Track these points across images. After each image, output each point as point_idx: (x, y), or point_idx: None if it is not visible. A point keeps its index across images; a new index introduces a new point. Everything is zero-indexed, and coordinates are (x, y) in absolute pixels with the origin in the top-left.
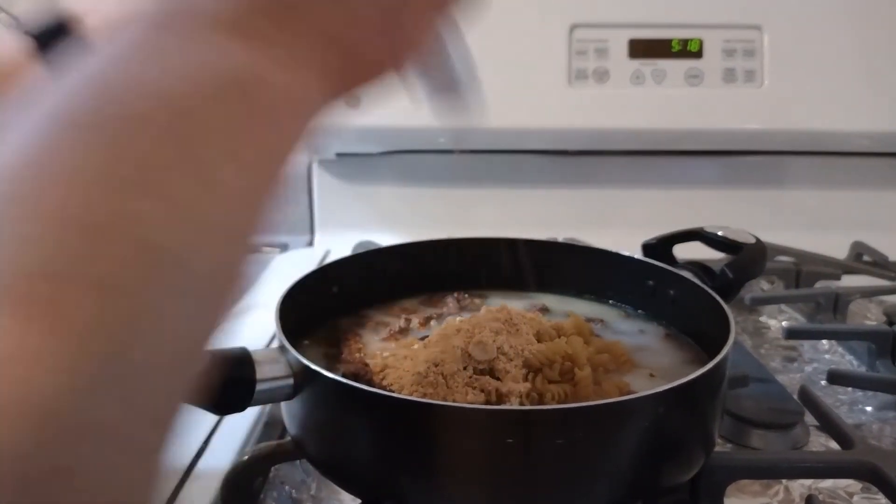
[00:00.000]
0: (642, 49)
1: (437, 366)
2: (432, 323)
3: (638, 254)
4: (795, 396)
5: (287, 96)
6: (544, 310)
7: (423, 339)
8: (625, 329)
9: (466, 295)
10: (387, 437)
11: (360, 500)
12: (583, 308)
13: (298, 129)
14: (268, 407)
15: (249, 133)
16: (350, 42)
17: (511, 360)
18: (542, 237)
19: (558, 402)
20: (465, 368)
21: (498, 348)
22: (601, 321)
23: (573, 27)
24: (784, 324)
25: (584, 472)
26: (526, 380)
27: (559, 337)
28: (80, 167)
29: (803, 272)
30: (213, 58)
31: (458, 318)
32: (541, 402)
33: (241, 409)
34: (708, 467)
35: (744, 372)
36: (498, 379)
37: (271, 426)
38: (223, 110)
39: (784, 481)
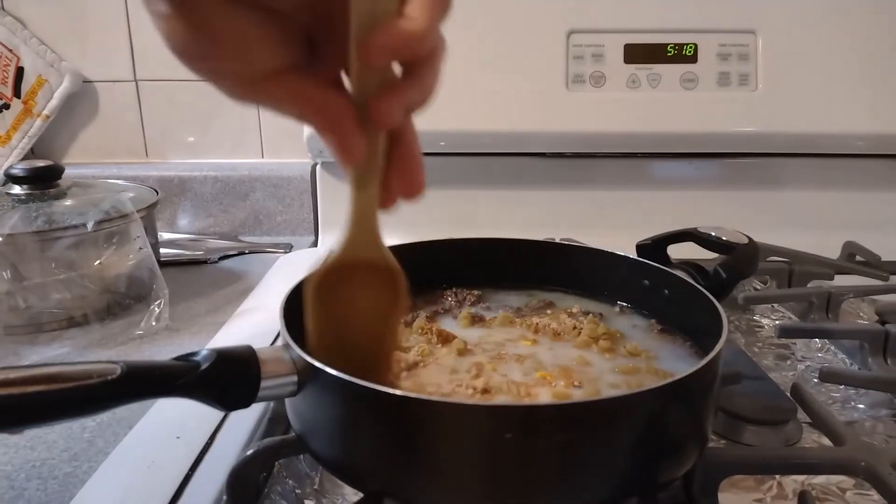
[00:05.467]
0: (638, 54)
1: None
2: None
3: (633, 254)
4: (788, 394)
5: None
6: (550, 305)
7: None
8: (620, 324)
9: (466, 291)
10: (388, 433)
11: (362, 495)
12: (579, 304)
13: None
14: (272, 403)
15: None
16: None
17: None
18: (539, 237)
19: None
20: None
21: None
22: (600, 314)
23: (570, 33)
24: (777, 323)
25: (580, 467)
26: None
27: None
28: None
29: (796, 272)
30: None
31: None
32: None
33: (246, 405)
34: (702, 463)
35: (737, 369)
36: None
37: (275, 422)
38: None
39: (777, 477)
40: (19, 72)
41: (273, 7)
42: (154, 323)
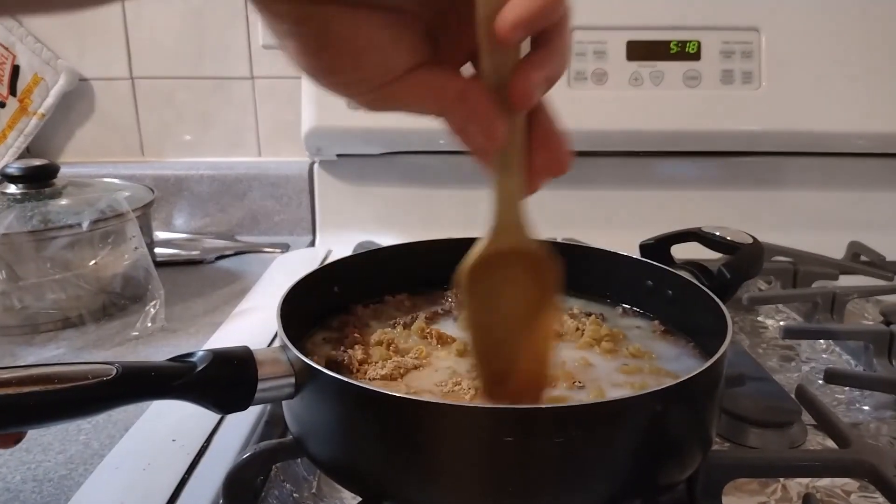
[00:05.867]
0: (640, 51)
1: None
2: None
3: (636, 254)
4: (793, 395)
5: None
6: None
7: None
8: (623, 325)
9: None
10: (387, 436)
11: (360, 498)
12: (581, 305)
13: None
14: (269, 405)
15: None
16: None
17: None
18: (541, 237)
19: None
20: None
21: None
22: (601, 315)
23: (572, 29)
24: (781, 323)
25: (582, 470)
26: None
27: None
28: None
29: (801, 272)
30: None
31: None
32: None
33: (243, 407)
34: (705, 466)
35: (741, 371)
36: None
37: (273, 425)
38: None
39: (781, 480)
40: (15, 70)
41: (394, 6)
42: (150, 324)
